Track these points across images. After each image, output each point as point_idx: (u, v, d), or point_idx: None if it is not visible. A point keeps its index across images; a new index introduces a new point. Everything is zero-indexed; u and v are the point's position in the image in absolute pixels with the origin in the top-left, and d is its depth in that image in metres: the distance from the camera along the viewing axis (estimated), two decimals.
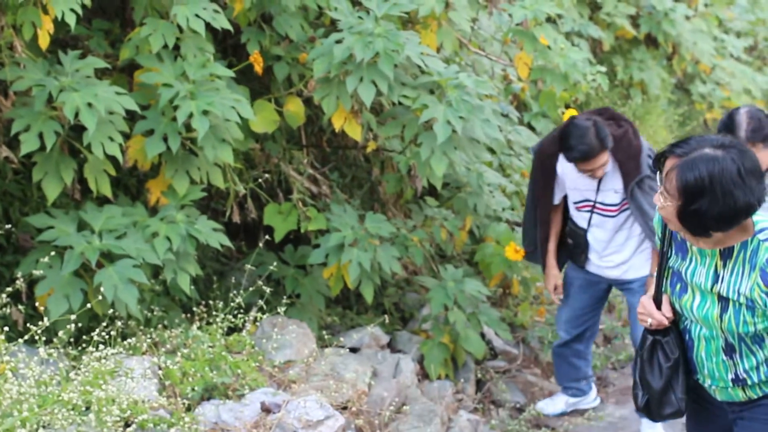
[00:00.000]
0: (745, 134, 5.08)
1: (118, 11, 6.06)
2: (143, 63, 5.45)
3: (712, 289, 3.78)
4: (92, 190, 5.33)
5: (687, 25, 11.74)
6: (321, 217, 6.21)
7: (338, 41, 5.68)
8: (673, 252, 3.97)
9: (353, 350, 6.26)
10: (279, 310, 5.71)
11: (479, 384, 6.88)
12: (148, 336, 5.35)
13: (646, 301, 4.01)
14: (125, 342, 5.11)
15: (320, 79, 5.78)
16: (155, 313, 5.59)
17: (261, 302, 5.75)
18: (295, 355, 5.77)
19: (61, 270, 5.05)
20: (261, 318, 5.75)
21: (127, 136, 5.38)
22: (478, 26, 7.31)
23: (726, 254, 3.73)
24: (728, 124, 5.16)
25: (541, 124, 8.82)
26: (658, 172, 3.69)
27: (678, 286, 3.92)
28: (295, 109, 6.06)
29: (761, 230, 3.69)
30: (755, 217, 3.69)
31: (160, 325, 5.56)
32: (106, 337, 5.02)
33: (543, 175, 6.08)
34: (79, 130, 5.12)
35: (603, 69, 7.30)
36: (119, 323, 5.14)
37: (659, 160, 3.67)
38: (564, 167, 5.96)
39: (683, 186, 3.52)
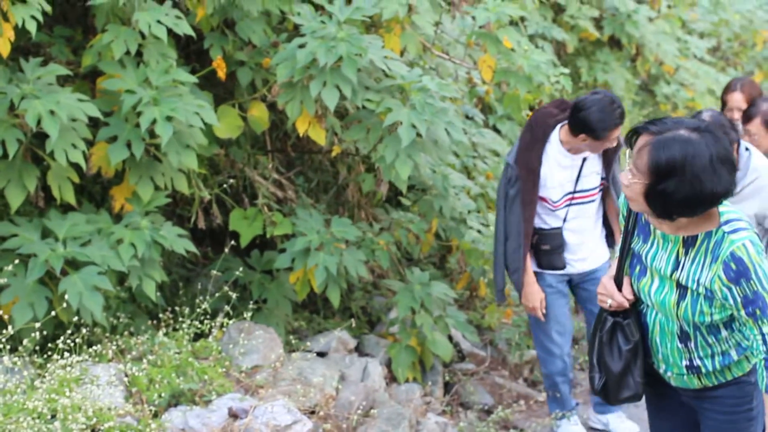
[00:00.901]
0: None
1: (79, 18, 6.04)
2: (105, 69, 5.44)
3: (671, 275, 3.77)
4: (56, 197, 5.32)
5: (650, 27, 11.80)
6: (286, 221, 6.21)
7: (301, 46, 5.68)
8: (636, 234, 3.96)
9: (321, 354, 6.25)
10: (245, 315, 5.72)
11: (447, 386, 6.88)
12: (114, 343, 5.34)
13: (608, 282, 4.01)
14: (91, 349, 5.11)
15: (284, 84, 5.78)
16: (121, 320, 5.57)
17: (227, 308, 5.74)
18: (262, 360, 5.76)
19: (26, 278, 5.02)
20: (227, 324, 5.74)
21: (90, 143, 5.36)
22: (441, 29, 7.32)
23: (689, 242, 3.72)
24: None
25: (506, 127, 8.85)
26: (629, 149, 3.67)
27: (637, 268, 3.92)
28: (259, 114, 6.06)
29: (727, 222, 3.67)
30: (721, 208, 3.68)
31: (126, 332, 5.54)
32: (72, 344, 5.01)
33: (530, 178, 5.90)
34: (41, 137, 5.11)
35: (566, 71, 7.32)
36: (85, 331, 5.12)
37: (632, 136, 3.66)
38: (549, 168, 5.91)
39: (654, 164, 3.51)
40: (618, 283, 3.99)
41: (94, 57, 5.47)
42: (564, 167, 5.87)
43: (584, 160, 5.88)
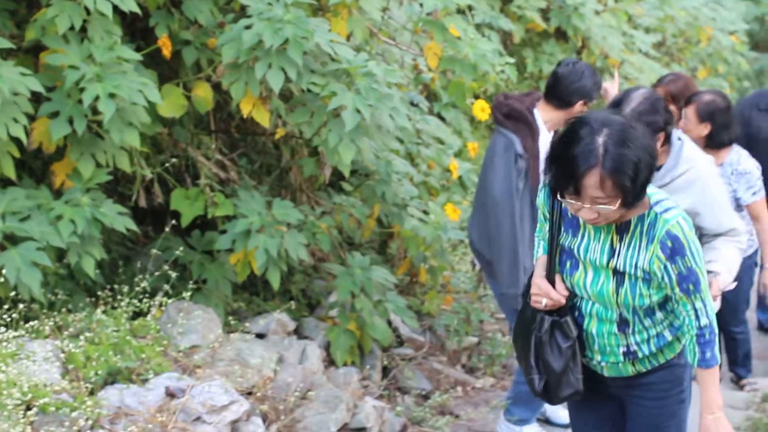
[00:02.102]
0: (630, 112, 4.94)
1: None
2: (49, 44, 5.39)
3: (608, 264, 3.85)
4: None
5: (596, 20, 11.85)
6: (228, 203, 6.20)
7: (247, 27, 5.66)
8: (564, 230, 3.99)
9: (259, 336, 6.25)
10: (185, 295, 5.70)
11: (385, 371, 6.91)
12: (52, 319, 5.30)
13: (541, 281, 4.03)
14: (28, 325, 5.09)
15: (229, 65, 5.76)
16: (59, 296, 5.53)
17: (167, 287, 5.72)
18: (201, 341, 5.75)
19: None
20: (166, 303, 5.73)
21: (32, 118, 5.31)
22: (388, 15, 7.32)
23: (622, 228, 3.82)
24: (620, 100, 5.13)
25: (451, 114, 8.88)
26: None
27: (568, 263, 3.97)
28: (203, 94, 6.04)
29: (657, 202, 3.80)
30: (649, 191, 3.78)
31: (63, 309, 5.50)
32: (8, 320, 4.98)
33: (536, 165, 5.90)
34: None
35: (512, 61, 7.35)
36: (22, 306, 5.09)
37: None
38: (543, 152, 5.87)
39: (624, 176, 3.60)
40: (550, 281, 4.01)
41: (38, 31, 5.42)
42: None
43: None
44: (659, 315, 3.95)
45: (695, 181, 5.04)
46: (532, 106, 5.94)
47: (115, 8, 5.41)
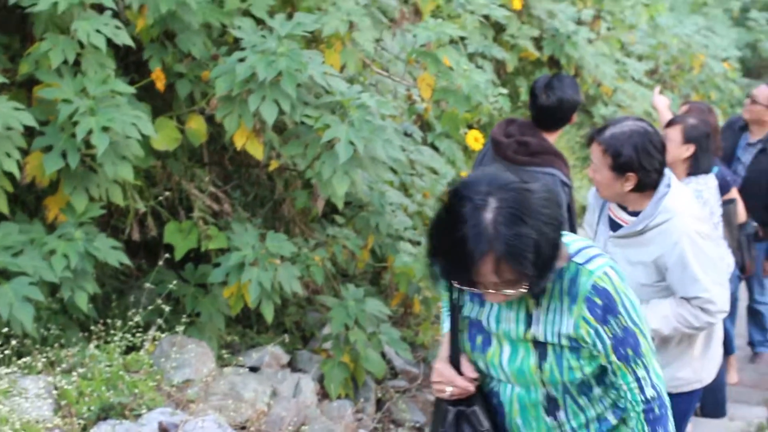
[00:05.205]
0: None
1: (18, 26, 5.97)
2: (43, 78, 5.39)
3: (525, 335, 3.15)
4: None
5: (589, 48, 11.91)
6: (222, 235, 6.18)
7: (241, 60, 5.67)
8: (469, 299, 3.30)
9: (253, 369, 6.23)
10: (178, 329, 5.68)
11: (379, 403, 6.88)
12: (44, 355, 5.28)
13: (443, 367, 3.32)
14: (20, 361, 5.06)
15: (222, 98, 5.76)
16: (52, 331, 5.51)
17: (160, 321, 5.71)
18: (194, 375, 5.73)
19: None
20: (160, 337, 5.71)
21: (25, 152, 5.30)
22: (382, 46, 7.34)
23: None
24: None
25: (444, 144, 8.88)
26: None
27: (479, 338, 3.26)
28: (196, 126, 6.03)
29: (577, 251, 3.13)
30: (566, 239, 3.11)
31: (56, 344, 5.47)
32: (1, 356, 4.96)
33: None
34: None
35: (505, 91, 7.37)
36: (14, 342, 5.06)
37: None
38: None
39: (523, 259, 2.90)
40: (455, 364, 3.31)
41: (32, 65, 5.42)
42: None
43: None
44: (597, 391, 3.24)
45: (671, 234, 4.55)
46: (541, 135, 6.02)
47: (109, 42, 5.41)
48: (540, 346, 3.12)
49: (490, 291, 2.98)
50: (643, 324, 3.11)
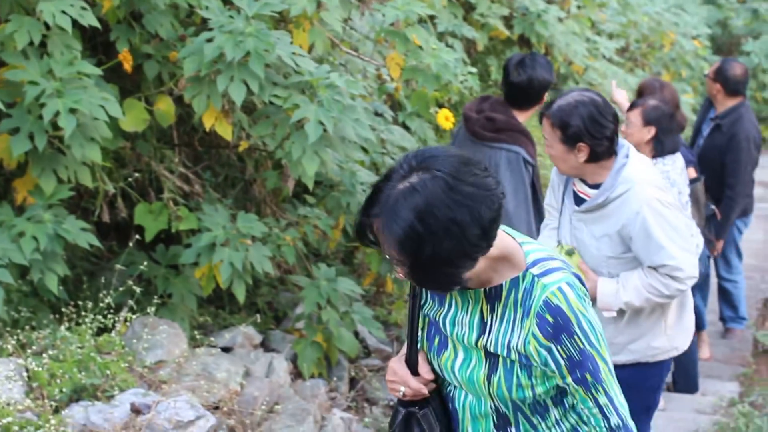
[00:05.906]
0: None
1: None
2: (8, 60, 5.36)
3: (477, 342, 2.92)
4: None
5: (560, 27, 11.89)
6: (192, 216, 6.17)
7: (209, 40, 5.64)
8: (430, 296, 3.09)
9: (225, 350, 6.23)
10: (150, 310, 5.68)
11: (353, 382, 6.90)
12: (15, 337, 5.27)
13: (397, 366, 3.10)
14: None
15: (190, 78, 5.74)
16: (22, 313, 5.51)
17: (131, 302, 5.70)
18: (166, 356, 5.73)
19: None
20: (131, 318, 5.70)
21: None
22: (350, 26, 7.32)
23: (493, 296, 2.89)
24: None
25: (416, 124, 8.87)
26: None
27: (436, 339, 3.05)
28: (165, 107, 6.01)
29: (535, 262, 2.88)
30: (526, 247, 2.90)
31: (27, 326, 5.47)
32: None
33: (536, 172, 6.25)
34: None
35: (474, 70, 7.37)
36: None
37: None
38: None
39: (397, 242, 2.66)
40: (412, 364, 3.09)
41: None
42: None
43: None
44: (554, 413, 2.97)
45: (632, 203, 4.54)
46: (511, 113, 6.04)
47: (75, 23, 5.38)
48: (492, 357, 2.89)
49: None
50: (603, 347, 2.85)
